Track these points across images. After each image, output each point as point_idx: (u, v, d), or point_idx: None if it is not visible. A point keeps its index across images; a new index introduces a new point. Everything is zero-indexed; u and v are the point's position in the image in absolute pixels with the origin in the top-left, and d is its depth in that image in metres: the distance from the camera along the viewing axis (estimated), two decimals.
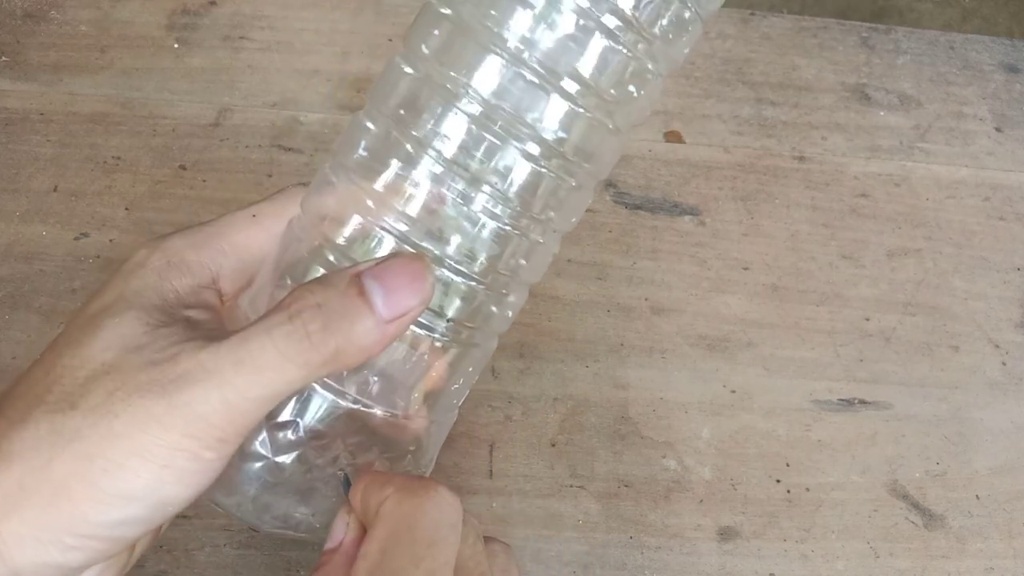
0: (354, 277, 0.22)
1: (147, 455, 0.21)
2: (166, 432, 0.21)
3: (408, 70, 0.25)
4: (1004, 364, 0.46)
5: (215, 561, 0.38)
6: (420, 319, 0.25)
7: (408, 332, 0.25)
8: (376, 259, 0.23)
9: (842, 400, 0.44)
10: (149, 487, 0.21)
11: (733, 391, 0.44)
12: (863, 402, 0.44)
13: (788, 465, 0.42)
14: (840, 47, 0.54)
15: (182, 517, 0.38)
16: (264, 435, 0.24)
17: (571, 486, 0.41)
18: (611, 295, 0.45)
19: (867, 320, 0.46)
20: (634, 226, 0.47)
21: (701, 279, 0.46)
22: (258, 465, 0.24)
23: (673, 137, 0.50)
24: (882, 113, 0.52)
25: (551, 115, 0.24)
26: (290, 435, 0.24)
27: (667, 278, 0.46)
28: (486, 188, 0.24)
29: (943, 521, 0.42)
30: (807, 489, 0.42)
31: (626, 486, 0.41)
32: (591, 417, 0.43)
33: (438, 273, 0.25)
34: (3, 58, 0.49)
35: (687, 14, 0.25)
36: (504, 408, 0.42)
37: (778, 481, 0.42)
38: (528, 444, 0.42)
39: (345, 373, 0.25)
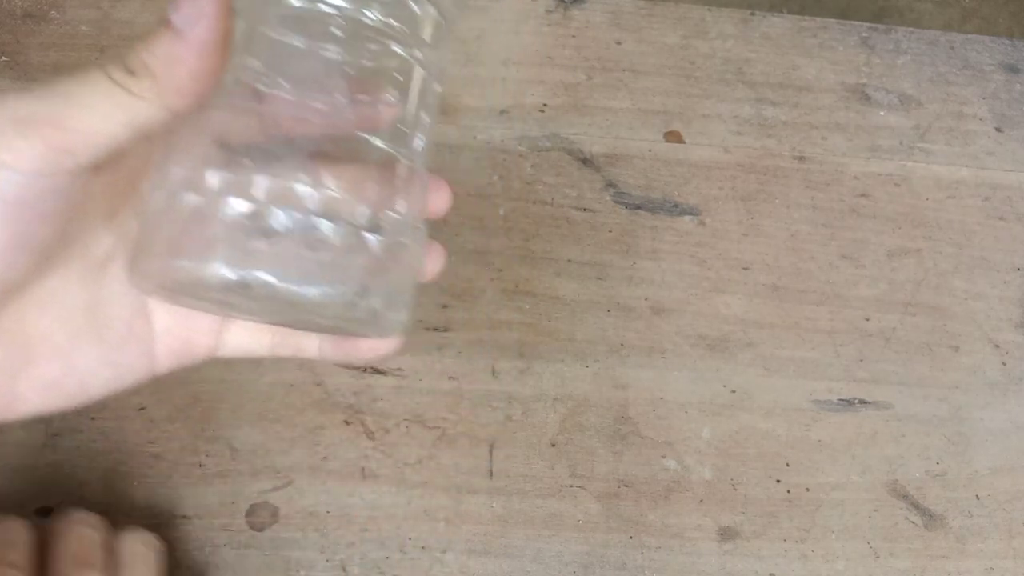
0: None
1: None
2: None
3: None
4: (1004, 364, 0.46)
5: (215, 561, 0.38)
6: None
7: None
8: None
9: (842, 400, 0.44)
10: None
11: (733, 391, 0.44)
12: (863, 402, 0.44)
13: (788, 465, 0.42)
14: (840, 47, 0.53)
15: (182, 517, 0.38)
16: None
17: (571, 486, 0.41)
18: (611, 295, 0.45)
19: (867, 320, 0.46)
20: (634, 226, 0.47)
21: (701, 279, 0.46)
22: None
23: (673, 137, 0.50)
24: (882, 113, 0.52)
25: None
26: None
27: (667, 278, 0.46)
28: None
29: (943, 521, 0.42)
30: (807, 489, 0.42)
31: (626, 486, 0.41)
32: (591, 417, 0.43)
33: None
34: (3, 58, 0.49)
35: None
36: (504, 408, 0.42)
37: (778, 481, 0.42)
38: (528, 444, 0.42)
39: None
